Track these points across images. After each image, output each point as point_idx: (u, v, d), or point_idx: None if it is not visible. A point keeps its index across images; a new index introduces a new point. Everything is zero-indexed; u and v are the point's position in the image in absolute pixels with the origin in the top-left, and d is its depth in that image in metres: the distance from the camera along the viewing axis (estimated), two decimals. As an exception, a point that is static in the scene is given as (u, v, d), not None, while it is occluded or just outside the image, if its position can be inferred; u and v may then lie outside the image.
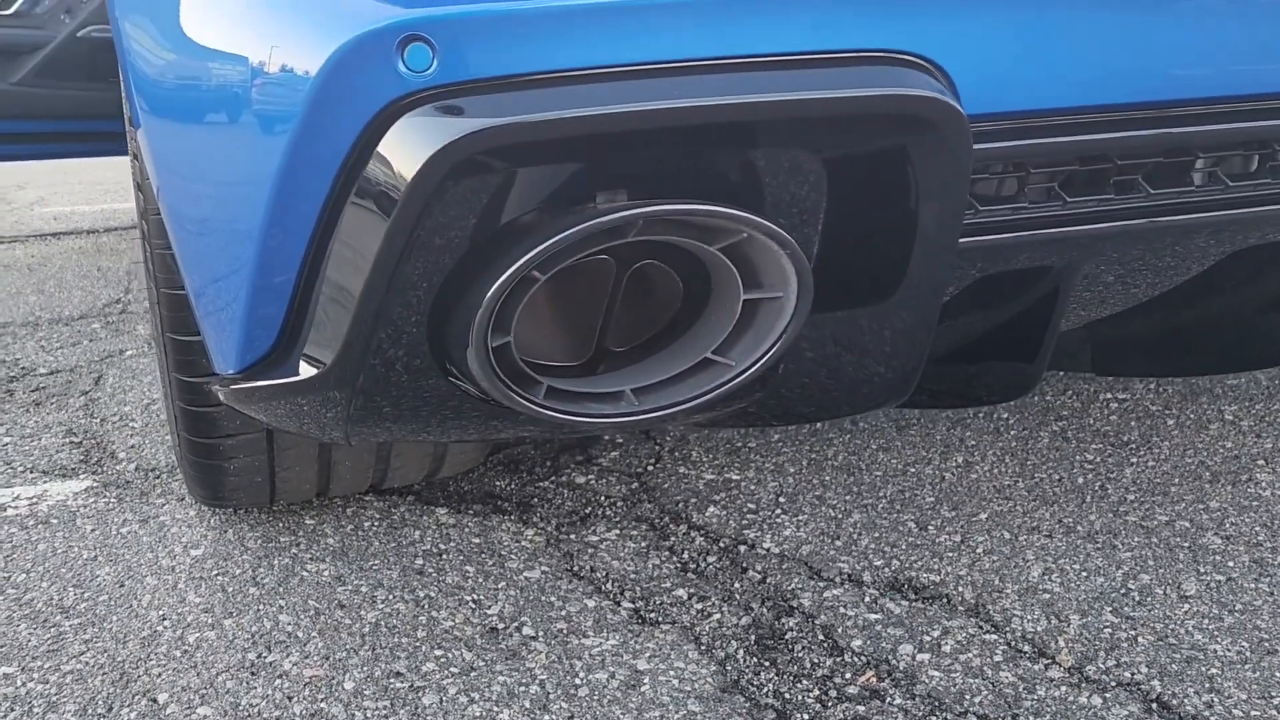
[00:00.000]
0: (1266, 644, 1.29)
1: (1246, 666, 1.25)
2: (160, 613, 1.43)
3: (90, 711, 1.23)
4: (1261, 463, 1.77)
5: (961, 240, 1.01)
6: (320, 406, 1.14)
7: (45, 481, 1.87)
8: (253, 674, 1.29)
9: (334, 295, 1.02)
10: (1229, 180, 1.08)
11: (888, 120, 0.91)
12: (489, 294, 0.93)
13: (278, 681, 1.28)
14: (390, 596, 1.45)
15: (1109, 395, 2.06)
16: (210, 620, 1.41)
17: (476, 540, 1.60)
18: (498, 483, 1.79)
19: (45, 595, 1.48)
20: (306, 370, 1.06)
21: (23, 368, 2.55)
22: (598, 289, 1.07)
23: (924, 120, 0.90)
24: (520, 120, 0.87)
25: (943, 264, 1.01)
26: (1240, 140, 1.04)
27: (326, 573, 1.52)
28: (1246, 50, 1.00)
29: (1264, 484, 1.69)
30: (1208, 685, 1.22)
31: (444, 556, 1.56)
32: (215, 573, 1.52)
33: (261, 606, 1.44)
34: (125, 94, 1.34)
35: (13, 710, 1.24)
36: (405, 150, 0.90)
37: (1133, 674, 1.24)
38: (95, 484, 1.85)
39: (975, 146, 0.94)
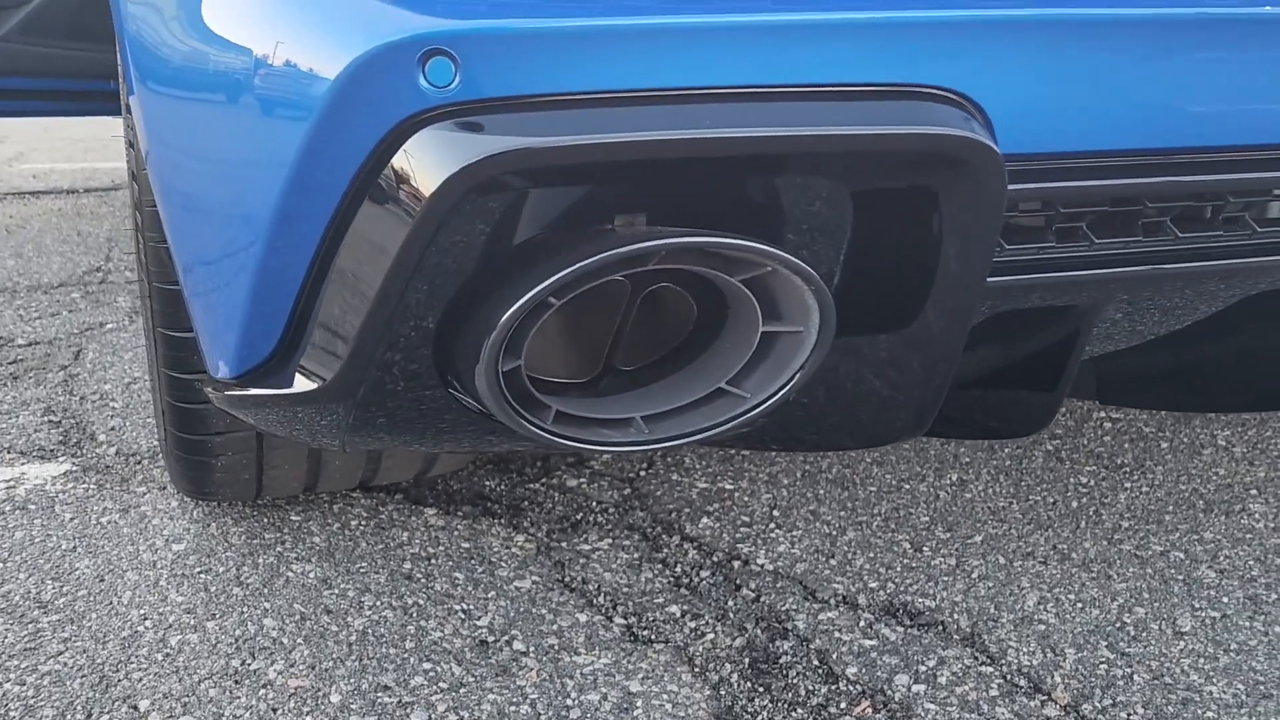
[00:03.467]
0: (1262, 687, 1.28)
1: (1243, 711, 1.24)
2: (141, 611, 1.40)
3: (69, 717, 1.20)
4: (1255, 492, 1.76)
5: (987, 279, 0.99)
6: (317, 417, 1.11)
7: (23, 464, 1.82)
8: (236, 682, 1.26)
9: (339, 307, 0.98)
10: (1257, 226, 1.06)
11: (922, 158, 0.88)
12: (503, 319, 0.90)
13: (262, 691, 1.25)
14: (378, 603, 1.43)
15: (1103, 414, 2.05)
16: (193, 622, 1.38)
17: (466, 545, 1.58)
18: (488, 483, 1.77)
19: (23, 588, 1.45)
20: (305, 384, 1.03)
21: (0, 338, 2.50)
22: (610, 309, 1.04)
23: (959, 160, 0.88)
24: (545, 144, 0.84)
25: (967, 303, 0.98)
26: (1272, 188, 1.02)
27: (313, 574, 1.49)
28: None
29: (1257, 515, 1.69)
30: (1204, 729, 1.22)
31: (433, 561, 1.53)
32: (198, 570, 1.49)
33: (245, 609, 1.40)
34: (124, 80, 1.30)
35: (-12, 713, 1.20)
36: (423, 166, 0.87)
37: (1129, 714, 1.24)
38: (75, 468, 1.81)
39: (1009, 187, 0.91)
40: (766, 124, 0.86)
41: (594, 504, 1.71)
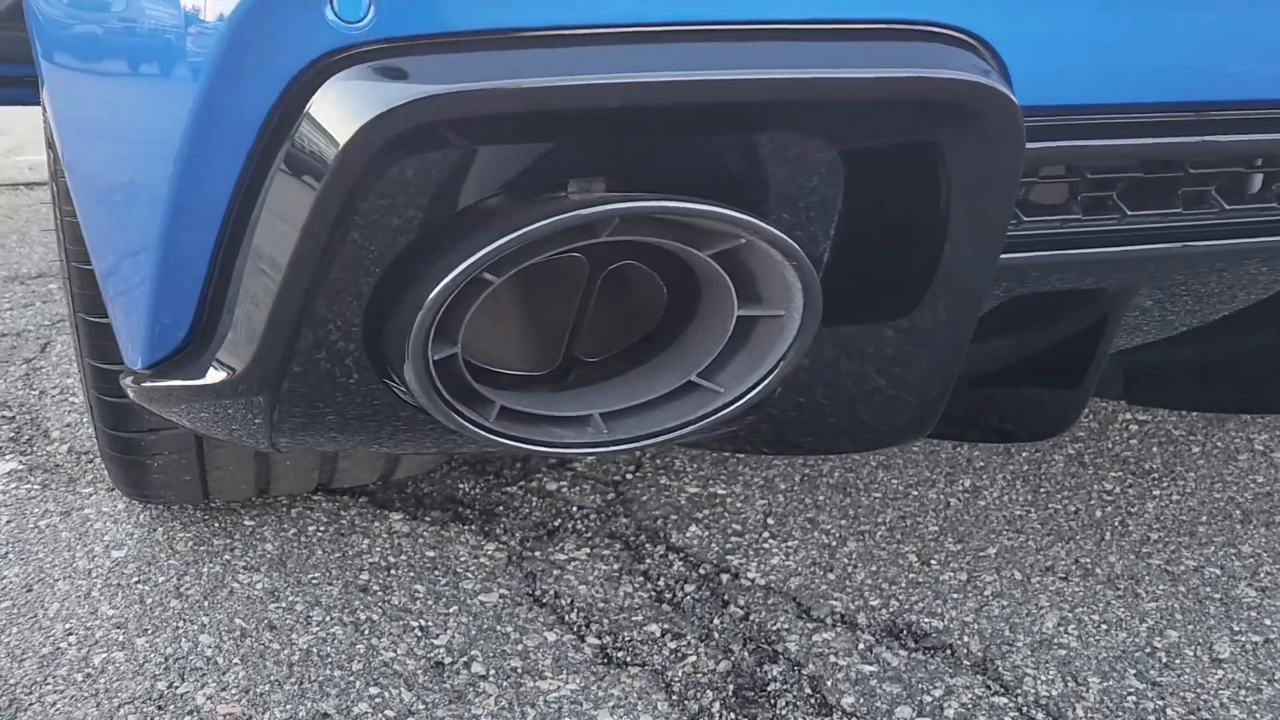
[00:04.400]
0: (1312, 724, 1.14)
1: (1291, 752, 1.10)
2: (67, 626, 1.27)
3: (-33, 747, 1.08)
4: (1296, 501, 1.62)
5: (1002, 256, 0.84)
6: (239, 413, 0.98)
7: (-34, 461, 1.70)
8: (160, 708, 1.13)
9: (250, 288, 0.85)
10: (1315, 198, 0.91)
11: (925, 109, 0.74)
12: (429, 298, 0.77)
13: (187, 719, 1.12)
14: (327, 618, 1.30)
15: (1129, 416, 1.90)
16: (121, 638, 1.25)
17: (431, 554, 1.44)
18: (461, 485, 1.64)
19: (-59, 598, 1.33)
20: (217, 375, 0.90)
21: (-34, 329, 2.39)
22: (567, 290, 0.90)
23: (969, 111, 0.74)
24: (473, 89, 0.71)
25: (977, 284, 0.84)
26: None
27: (260, 585, 1.36)
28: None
29: (1300, 527, 1.54)
30: (1247, 773, 1.07)
31: (393, 572, 1.40)
32: (135, 580, 1.36)
33: (181, 624, 1.28)
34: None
35: (-122, 741, 1.08)
36: (335, 118, 0.73)
37: (1161, 754, 1.10)
38: (21, 467, 1.68)
39: (1028, 145, 0.77)
40: (742, 66, 0.73)
41: (574, 509, 1.57)
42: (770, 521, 1.54)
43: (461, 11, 0.72)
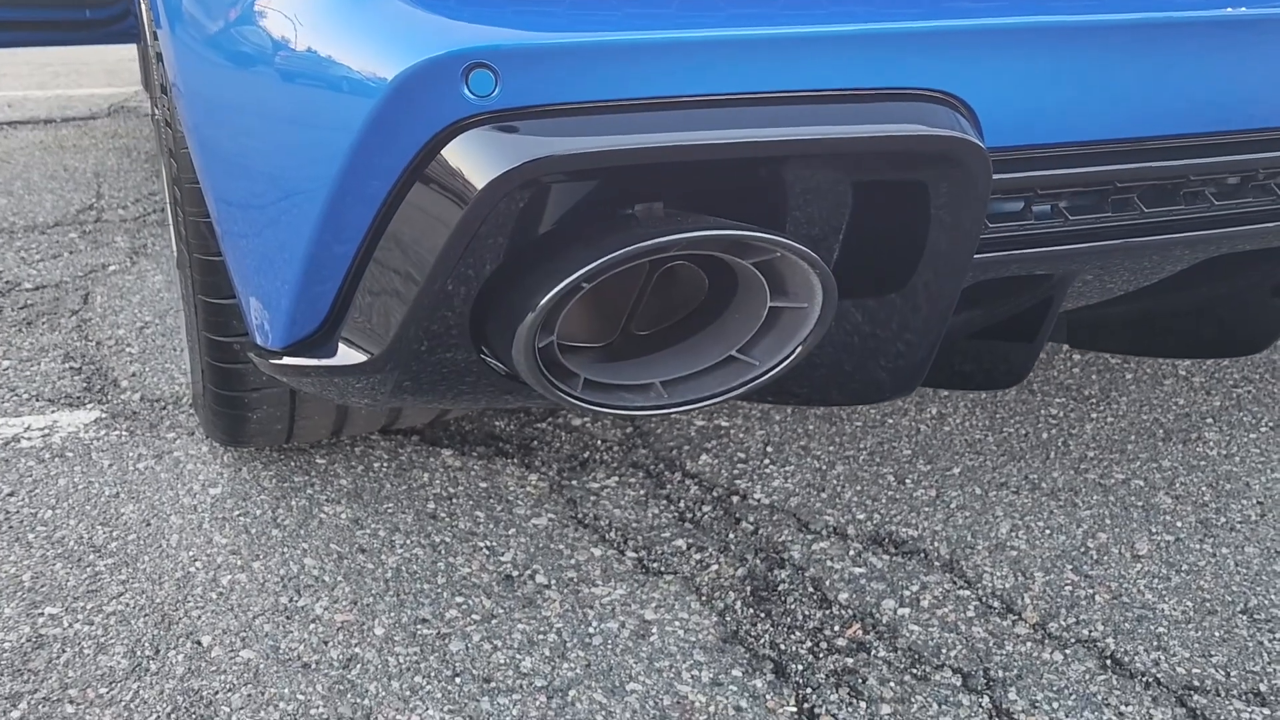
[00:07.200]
0: (1208, 604, 1.44)
1: (1190, 625, 1.40)
2: (190, 553, 1.51)
3: (139, 653, 1.32)
4: (1210, 421, 1.91)
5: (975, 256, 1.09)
6: (357, 383, 1.21)
7: (53, 411, 1.91)
8: (288, 618, 1.38)
9: (387, 287, 1.08)
10: (1214, 199, 1.17)
11: (915, 154, 0.98)
12: (543, 302, 1.00)
13: (312, 625, 1.37)
14: (408, 541, 1.55)
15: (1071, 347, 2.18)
16: (239, 562, 1.49)
17: (483, 485, 1.69)
18: (498, 424, 1.88)
19: (75, 534, 1.56)
20: (352, 355, 1.13)
21: (7, 281, 2.56)
22: (630, 284, 1.14)
23: (949, 156, 0.98)
24: (582, 148, 0.93)
25: (955, 277, 1.09)
26: (1228, 169, 1.13)
27: (344, 515, 1.60)
28: (1234, 93, 1.08)
29: (1211, 443, 1.84)
30: (1156, 643, 1.37)
31: (454, 501, 1.65)
32: (236, 513, 1.60)
33: (286, 549, 1.52)
34: (177, 109, 1.35)
35: (64, 651, 1.32)
36: (469, 166, 0.96)
37: (1090, 631, 1.39)
38: (104, 415, 1.90)
39: (994, 176, 1.01)
40: (776, 126, 0.96)
41: (599, 442, 1.82)
42: (769, 449, 1.80)
43: (567, 86, 0.94)
